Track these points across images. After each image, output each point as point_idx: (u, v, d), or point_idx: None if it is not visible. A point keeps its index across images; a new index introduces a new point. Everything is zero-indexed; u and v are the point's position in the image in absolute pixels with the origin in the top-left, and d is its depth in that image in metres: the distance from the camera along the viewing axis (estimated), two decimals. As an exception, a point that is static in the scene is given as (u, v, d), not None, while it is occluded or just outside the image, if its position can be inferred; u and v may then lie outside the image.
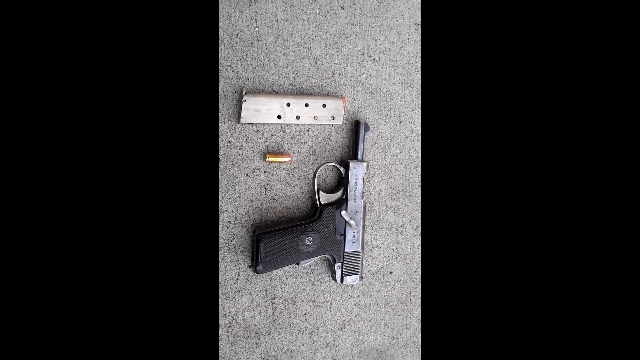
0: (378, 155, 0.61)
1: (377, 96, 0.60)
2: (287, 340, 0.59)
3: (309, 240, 0.54)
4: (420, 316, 0.68)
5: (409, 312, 0.67)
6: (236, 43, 0.53)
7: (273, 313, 0.58)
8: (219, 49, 0.52)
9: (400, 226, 0.64)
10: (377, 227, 0.63)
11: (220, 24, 0.52)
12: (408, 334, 0.67)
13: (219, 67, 0.52)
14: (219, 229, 0.55)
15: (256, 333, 0.58)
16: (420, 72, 0.63)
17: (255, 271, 0.52)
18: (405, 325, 0.67)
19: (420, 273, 0.67)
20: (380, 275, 0.64)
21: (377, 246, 0.63)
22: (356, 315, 0.63)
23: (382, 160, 0.62)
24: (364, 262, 0.62)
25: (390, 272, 0.64)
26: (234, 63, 0.53)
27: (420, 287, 0.68)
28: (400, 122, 0.62)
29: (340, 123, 0.57)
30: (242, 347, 0.57)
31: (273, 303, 0.58)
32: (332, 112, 0.55)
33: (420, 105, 0.63)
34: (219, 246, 0.55)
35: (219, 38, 0.52)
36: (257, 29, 0.53)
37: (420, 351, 0.68)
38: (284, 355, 0.59)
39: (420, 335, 0.68)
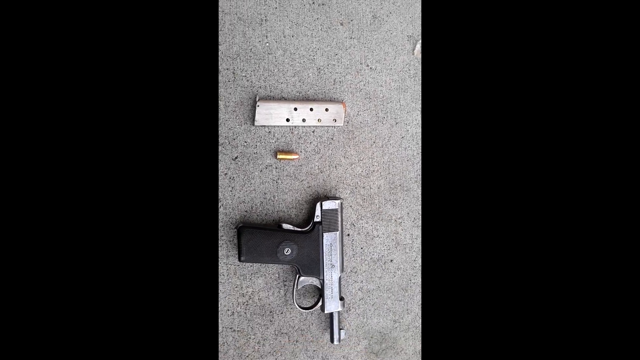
0: (377, 153, 0.69)
1: (375, 100, 0.68)
2: (298, 320, 0.66)
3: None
4: (420, 302, 0.74)
5: (410, 298, 0.74)
6: (250, 57, 0.61)
7: (285, 294, 0.65)
8: (236, 62, 0.61)
9: (399, 218, 0.71)
10: (377, 219, 0.70)
11: (236, 40, 0.61)
12: (409, 319, 0.73)
13: (236, 78, 0.61)
14: (237, 217, 0.62)
15: (270, 312, 0.65)
16: (413, 78, 0.70)
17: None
18: (406, 310, 0.73)
19: (419, 262, 0.74)
20: (382, 262, 0.70)
21: (377, 236, 0.70)
22: (360, 299, 0.70)
23: (380, 157, 0.69)
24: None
25: (391, 260, 0.71)
26: (248, 74, 0.61)
27: (420, 275, 0.74)
28: (396, 123, 0.69)
29: (342, 125, 0.64)
30: (258, 323, 0.64)
31: (285, 285, 0.65)
32: (334, 115, 0.63)
33: (414, 108, 0.70)
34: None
35: (236, 53, 0.61)
36: (267, 44, 0.61)
37: (421, 335, 0.74)
38: (295, 332, 0.66)
39: (420, 320, 0.74)
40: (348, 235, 0.68)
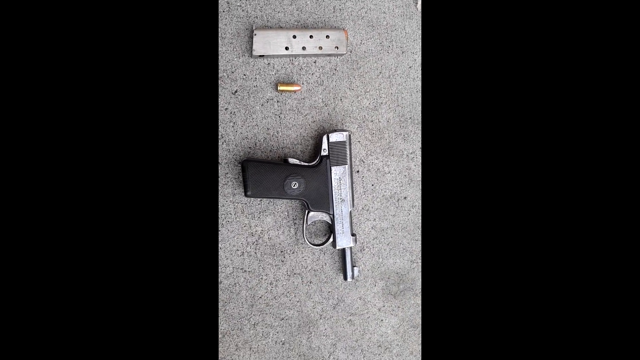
0: (384, 84, 0.65)
1: (378, 29, 0.65)
2: (311, 260, 0.64)
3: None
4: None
5: (426, 237, 0.71)
6: (244, -15, 0.59)
7: (295, 233, 0.63)
8: (229, -9, 0.58)
9: (411, 153, 0.68)
10: (388, 154, 0.67)
11: (228, -31, 0.58)
12: (427, 259, 0.71)
13: (230, 8, 0.59)
14: (241, 154, 0.61)
15: (281, 251, 0.63)
16: (419, 4, 0.66)
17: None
18: (423, 250, 0.71)
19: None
20: (395, 200, 0.68)
21: (389, 172, 0.67)
22: (374, 238, 0.67)
23: (388, 89, 0.66)
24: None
25: (405, 197, 0.68)
26: (243, 4, 0.59)
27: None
28: (402, 52, 0.66)
29: (345, 52, 0.61)
30: (270, 264, 0.63)
31: (295, 224, 0.63)
32: (335, 42, 0.60)
33: (421, 36, 0.67)
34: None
35: (228, -19, 0.58)
36: (261, -29, 0.59)
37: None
38: (308, 273, 0.64)
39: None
40: (357, 172, 0.65)
